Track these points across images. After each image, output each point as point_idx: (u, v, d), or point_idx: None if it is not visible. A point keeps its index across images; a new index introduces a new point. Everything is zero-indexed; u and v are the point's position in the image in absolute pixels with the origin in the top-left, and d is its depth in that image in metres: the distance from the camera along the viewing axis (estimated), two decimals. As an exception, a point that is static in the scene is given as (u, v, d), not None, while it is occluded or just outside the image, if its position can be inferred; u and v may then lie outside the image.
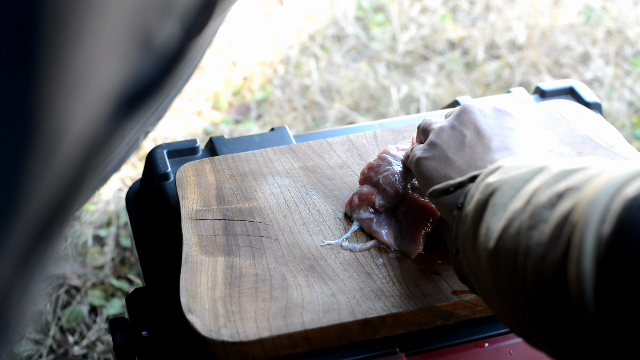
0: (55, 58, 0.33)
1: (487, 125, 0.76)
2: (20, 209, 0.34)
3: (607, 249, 0.49)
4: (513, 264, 0.57)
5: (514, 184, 0.62)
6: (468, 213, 0.65)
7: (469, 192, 0.67)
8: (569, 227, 0.52)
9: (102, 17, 0.35)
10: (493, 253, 0.60)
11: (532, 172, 0.62)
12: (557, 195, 0.56)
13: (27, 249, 0.36)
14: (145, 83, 0.44)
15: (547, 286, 0.53)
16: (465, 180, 0.68)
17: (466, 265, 0.66)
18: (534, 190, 0.59)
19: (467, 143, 0.75)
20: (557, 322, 0.53)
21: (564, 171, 0.59)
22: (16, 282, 0.36)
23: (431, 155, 0.76)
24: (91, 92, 0.36)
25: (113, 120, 0.41)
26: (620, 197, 0.50)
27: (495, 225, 0.60)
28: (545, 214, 0.56)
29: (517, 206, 0.59)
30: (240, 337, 0.72)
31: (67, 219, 0.39)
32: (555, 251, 0.53)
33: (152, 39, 0.42)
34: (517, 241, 0.57)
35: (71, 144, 0.36)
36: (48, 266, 0.38)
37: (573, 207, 0.53)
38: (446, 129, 0.77)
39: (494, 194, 0.63)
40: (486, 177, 0.66)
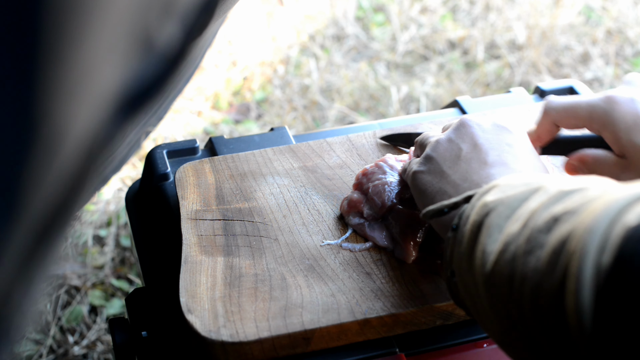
0: (56, 59, 0.33)
1: (485, 140, 0.74)
2: (22, 210, 0.35)
3: (606, 281, 0.47)
4: (509, 290, 0.56)
5: (510, 204, 0.60)
6: (464, 234, 0.63)
7: (464, 213, 0.65)
8: (565, 255, 0.51)
9: (103, 18, 0.35)
10: (489, 277, 0.58)
11: (529, 192, 0.60)
12: (554, 219, 0.54)
13: (29, 250, 0.36)
14: (146, 84, 0.44)
15: (544, 315, 0.52)
16: (460, 201, 0.67)
17: (462, 288, 0.64)
18: (531, 212, 0.57)
19: (463, 157, 0.74)
20: (555, 352, 0.52)
21: (561, 192, 0.57)
22: (17, 283, 0.36)
23: (426, 168, 0.75)
24: (92, 93, 0.37)
25: (114, 122, 0.41)
26: (619, 225, 0.49)
27: (491, 247, 0.59)
28: (542, 238, 0.54)
29: (514, 229, 0.58)
30: (240, 337, 0.72)
31: (68, 220, 0.39)
32: (552, 280, 0.51)
33: (153, 40, 0.42)
34: (513, 266, 0.56)
35: (72, 145, 0.36)
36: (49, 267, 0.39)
37: (570, 233, 0.52)
38: (443, 143, 0.76)
39: (489, 215, 0.61)
40: (481, 196, 0.64)
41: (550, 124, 0.79)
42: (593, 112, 0.75)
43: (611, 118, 0.74)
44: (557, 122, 0.79)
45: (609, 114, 0.74)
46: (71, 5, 0.33)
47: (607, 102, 0.75)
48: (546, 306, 0.52)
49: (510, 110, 1.02)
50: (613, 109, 0.74)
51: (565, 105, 0.77)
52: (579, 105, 0.76)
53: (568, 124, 0.78)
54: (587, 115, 0.76)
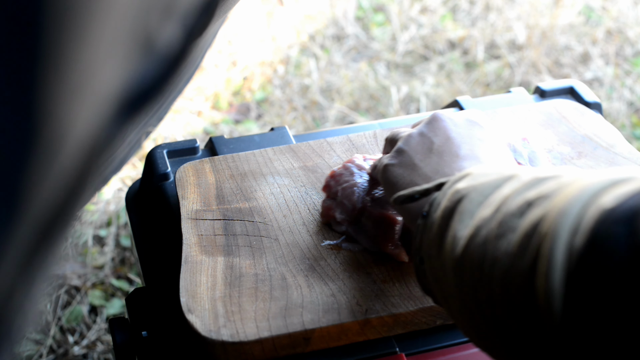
0: (57, 60, 0.33)
1: (457, 134, 0.74)
2: (23, 211, 0.35)
3: (578, 262, 0.47)
4: (479, 274, 0.55)
5: (483, 191, 0.60)
6: (434, 221, 0.63)
7: (435, 200, 0.65)
8: (537, 237, 0.50)
9: (103, 19, 0.35)
10: (459, 262, 0.58)
11: (502, 180, 0.60)
12: (527, 204, 0.54)
13: (30, 250, 0.36)
14: (147, 85, 0.44)
15: (514, 298, 0.51)
16: (431, 188, 0.66)
17: (430, 274, 0.64)
18: (504, 198, 0.57)
19: (435, 150, 0.73)
20: (523, 335, 0.52)
21: (535, 179, 0.57)
22: (19, 284, 0.36)
23: (398, 162, 0.75)
24: (93, 94, 0.37)
25: (115, 122, 0.41)
26: (594, 207, 0.48)
27: (461, 232, 0.58)
28: (514, 222, 0.53)
29: (486, 214, 0.57)
30: (240, 337, 0.72)
31: (69, 221, 0.39)
32: (523, 262, 0.51)
33: (153, 41, 0.42)
34: (484, 250, 0.55)
35: (73, 146, 0.36)
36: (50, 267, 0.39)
37: (543, 216, 0.51)
38: (414, 136, 0.76)
39: (461, 201, 0.61)
40: (454, 184, 0.64)
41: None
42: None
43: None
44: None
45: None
46: (72, 6, 0.33)
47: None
48: (516, 289, 0.51)
49: (510, 110, 1.02)
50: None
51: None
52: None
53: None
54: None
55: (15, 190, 0.34)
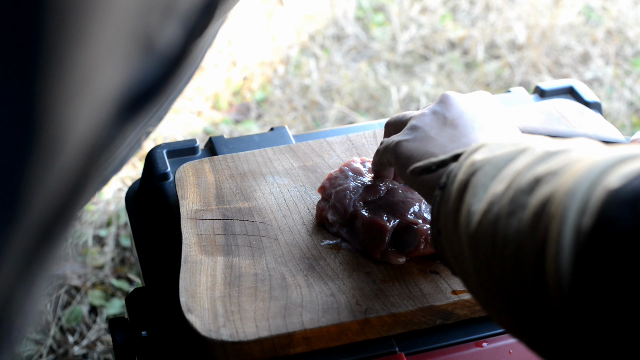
0: (57, 61, 0.33)
1: (469, 109, 0.75)
2: (23, 212, 0.35)
3: (586, 244, 0.47)
4: (492, 251, 0.56)
5: (497, 163, 0.60)
6: (451, 193, 0.63)
7: (452, 172, 0.64)
8: (546, 217, 0.51)
9: (104, 20, 0.35)
10: (473, 237, 0.58)
11: (516, 152, 0.60)
12: (536, 180, 0.54)
13: (30, 250, 0.36)
14: (147, 85, 0.44)
15: (525, 277, 0.52)
16: (448, 159, 0.66)
17: (447, 247, 0.64)
18: (516, 173, 0.57)
19: (450, 122, 0.74)
20: (534, 313, 0.52)
21: (546, 152, 0.57)
22: (19, 284, 0.36)
23: (412, 137, 0.75)
24: (93, 94, 0.37)
25: (115, 123, 0.41)
26: (600, 187, 0.48)
27: (475, 206, 0.59)
28: (524, 199, 0.54)
29: (498, 189, 0.57)
30: (240, 336, 0.72)
31: (69, 221, 0.39)
32: (533, 243, 0.51)
33: (153, 41, 0.42)
34: (496, 227, 0.55)
35: (73, 147, 0.36)
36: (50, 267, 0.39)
37: (551, 195, 0.51)
38: (428, 114, 0.76)
39: (475, 174, 0.61)
40: (470, 155, 0.64)
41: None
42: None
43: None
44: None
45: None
46: (72, 7, 0.33)
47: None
48: (527, 268, 0.52)
49: (510, 109, 1.02)
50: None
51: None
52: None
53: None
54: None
55: (15, 191, 0.34)
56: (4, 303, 0.36)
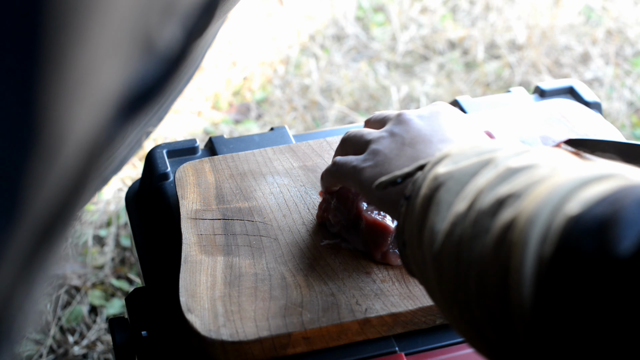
0: (57, 61, 0.33)
1: (427, 126, 0.74)
2: (23, 212, 0.35)
3: (547, 272, 0.47)
4: (456, 272, 0.55)
5: (460, 178, 0.60)
6: (415, 207, 0.62)
7: (416, 182, 0.64)
8: (508, 244, 0.50)
9: (104, 20, 0.35)
10: (437, 256, 0.58)
11: (479, 165, 0.59)
12: (499, 202, 0.54)
13: (30, 250, 0.36)
14: (147, 85, 0.44)
15: (488, 302, 0.52)
16: (412, 171, 0.66)
17: (412, 261, 0.64)
18: (478, 191, 0.56)
19: (409, 142, 0.73)
20: (496, 335, 0.52)
21: (509, 169, 0.56)
22: (19, 284, 0.36)
23: (374, 162, 0.73)
24: (93, 94, 0.37)
25: (115, 123, 0.41)
26: (561, 214, 0.48)
27: (439, 225, 0.58)
28: (487, 222, 0.53)
29: (460, 208, 0.57)
30: (240, 336, 0.72)
31: (69, 221, 0.39)
32: (496, 270, 0.51)
33: (154, 41, 0.42)
34: (459, 250, 0.55)
35: (74, 147, 0.36)
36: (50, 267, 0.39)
37: (513, 220, 0.51)
38: (386, 137, 0.75)
39: (439, 189, 0.60)
40: (433, 166, 0.63)
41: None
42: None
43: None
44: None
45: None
46: (72, 7, 0.33)
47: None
48: (491, 293, 0.51)
49: (509, 109, 1.02)
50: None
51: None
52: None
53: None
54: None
55: (15, 191, 0.34)
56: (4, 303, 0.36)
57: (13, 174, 0.34)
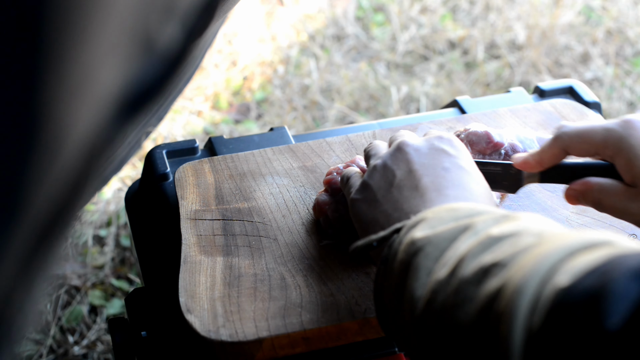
0: (58, 61, 0.33)
1: (420, 165, 0.72)
2: (23, 211, 0.35)
3: (536, 344, 0.46)
4: (439, 342, 0.55)
5: (438, 244, 0.59)
6: (393, 271, 0.62)
7: (392, 245, 0.64)
8: (495, 314, 0.50)
9: (104, 20, 0.35)
10: (419, 324, 0.57)
11: (457, 231, 0.59)
12: (483, 271, 0.53)
13: (30, 250, 0.36)
14: (147, 85, 0.44)
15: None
16: (387, 235, 0.66)
17: (393, 324, 0.63)
18: (459, 258, 0.56)
19: (396, 184, 0.72)
20: None
21: (491, 237, 0.56)
22: (19, 284, 0.36)
23: (362, 197, 0.74)
24: (93, 94, 0.37)
25: (115, 123, 0.41)
26: (550, 285, 0.48)
27: (418, 292, 0.58)
28: (471, 291, 0.53)
29: (441, 276, 0.56)
30: (239, 337, 0.72)
31: (69, 220, 0.39)
32: (482, 340, 0.50)
33: (154, 41, 0.42)
34: (442, 318, 0.54)
35: (74, 146, 0.36)
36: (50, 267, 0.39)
37: (499, 290, 0.50)
38: (379, 169, 0.74)
39: (417, 255, 0.60)
40: (409, 231, 0.63)
41: (559, 149, 0.75)
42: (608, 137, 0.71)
43: (627, 143, 0.70)
44: (568, 148, 0.74)
45: (626, 139, 0.70)
46: (73, 7, 0.33)
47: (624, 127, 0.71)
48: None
49: (509, 109, 1.02)
50: (630, 134, 0.70)
51: (579, 130, 0.73)
52: (593, 129, 0.72)
53: (580, 150, 0.74)
54: (601, 141, 0.72)
55: (15, 190, 0.34)
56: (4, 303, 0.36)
57: (13, 173, 0.34)
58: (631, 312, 0.43)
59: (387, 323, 0.64)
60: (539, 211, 0.86)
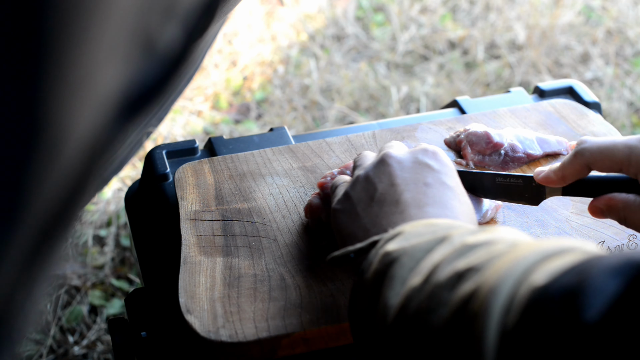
0: (58, 61, 0.33)
1: (402, 180, 0.71)
2: (24, 211, 0.35)
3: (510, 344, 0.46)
4: (412, 348, 0.54)
5: (414, 254, 0.58)
6: (366, 283, 0.62)
7: (367, 259, 0.63)
8: (468, 315, 0.49)
9: (105, 20, 0.35)
10: (390, 331, 0.57)
11: (434, 242, 0.58)
12: (457, 275, 0.53)
13: (30, 251, 0.36)
14: (148, 86, 0.44)
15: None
16: (365, 247, 0.65)
17: (364, 334, 0.62)
18: (434, 266, 0.55)
19: (377, 198, 0.71)
20: None
21: (466, 246, 0.56)
22: (19, 284, 0.36)
23: (343, 208, 0.73)
24: (94, 95, 0.37)
25: (116, 123, 0.41)
26: (526, 284, 0.47)
27: (392, 301, 0.57)
28: (445, 296, 0.52)
29: (415, 283, 0.56)
30: (239, 337, 0.72)
31: (70, 221, 0.39)
32: (455, 342, 0.50)
33: (154, 42, 0.42)
34: (415, 323, 0.54)
35: (74, 147, 0.36)
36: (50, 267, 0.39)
37: (474, 292, 0.50)
38: (361, 180, 0.74)
39: (392, 265, 0.59)
40: (385, 243, 0.62)
41: (582, 165, 0.74)
42: (632, 155, 0.71)
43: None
44: (591, 164, 0.73)
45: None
46: (73, 8, 0.33)
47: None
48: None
49: (509, 110, 1.02)
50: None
51: (601, 147, 0.72)
52: (616, 147, 0.72)
53: (603, 166, 0.73)
54: (625, 158, 0.71)
55: (16, 190, 0.34)
56: (4, 303, 0.36)
57: (14, 173, 0.34)
58: (609, 306, 0.43)
59: (360, 336, 0.63)
60: (539, 211, 0.86)
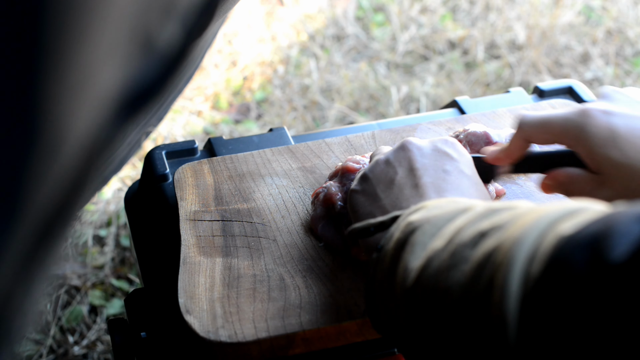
0: (57, 60, 0.33)
1: (422, 165, 0.73)
2: (23, 211, 0.35)
3: (534, 289, 0.46)
4: (431, 305, 0.54)
5: (436, 222, 0.59)
6: (387, 252, 0.62)
7: (388, 233, 0.64)
8: (491, 266, 0.49)
9: (104, 19, 0.35)
10: (410, 293, 0.56)
11: (456, 212, 0.59)
12: (480, 234, 0.53)
13: (30, 250, 0.36)
14: (147, 85, 0.44)
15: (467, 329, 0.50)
16: (386, 221, 0.65)
17: (384, 312, 0.62)
18: (457, 230, 0.56)
19: (397, 182, 0.72)
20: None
21: (489, 210, 0.56)
22: (19, 284, 0.36)
23: (361, 188, 0.74)
24: (93, 94, 0.37)
25: (115, 122, 0.41)
26: (552, 234, 0.47)
27: (413, 264, 0.57)
28: (467, 253, 0.52)
29: (438, 245, 0.56)
30: (238, 337, 0.72)
31: (69, 220, 0.39)
32: (476, 292, 0.50)
33: (153, 41, 0.42)
34: (436, 281, 0.54)
35: (73, 146, 0.36)
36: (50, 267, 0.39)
37: (497, 246, 0.50)
38: (380, 163, 0.75)
39: (414, 233, 0.60)
40: (407, 216, 0.63)
41: (522, 139, 0.76)
42: (567, 127, 0.72)
43: (585, 132, 0.71)
44: (530, 137, 0.75)
45: (583, 128, 0.71)
46: (72, 7, 0.33)
47: (581, 116, 0.72)
48: (469, 319, 0.50)
49: (508, 110, 1.02)
50: (587, 122, 0.71)
51: (538, 120, 0.74)
52: (552, 120, 0.73)
53: (541, 139, 0.75)
54: (560, 130, 0.73)
55: (15, 190, 0.34)
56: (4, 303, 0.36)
57: (13, 173, 0.34)
58: (635, 247, 0.43)
59: (376, 310, 0.63)
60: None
